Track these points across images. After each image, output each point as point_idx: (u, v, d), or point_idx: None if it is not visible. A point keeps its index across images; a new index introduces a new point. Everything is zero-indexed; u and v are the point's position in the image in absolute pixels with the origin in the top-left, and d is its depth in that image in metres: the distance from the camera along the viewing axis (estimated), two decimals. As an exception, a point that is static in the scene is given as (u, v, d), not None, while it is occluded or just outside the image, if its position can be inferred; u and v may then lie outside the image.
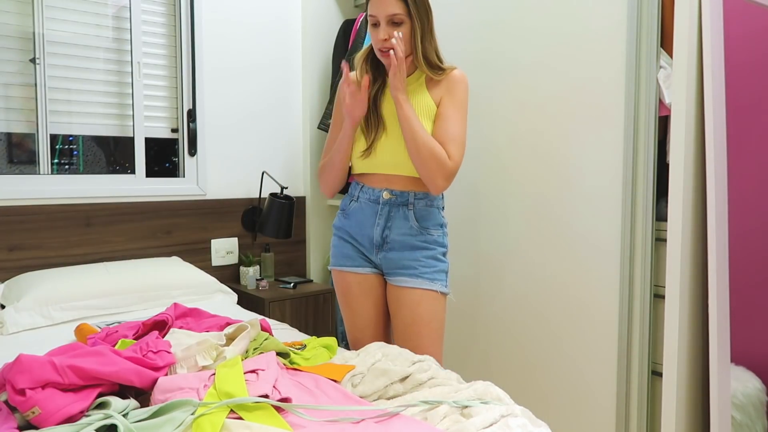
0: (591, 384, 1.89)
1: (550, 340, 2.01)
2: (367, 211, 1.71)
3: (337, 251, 1.78)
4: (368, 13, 1.63)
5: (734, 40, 1.67)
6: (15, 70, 2.30)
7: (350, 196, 1.77)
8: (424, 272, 1.66)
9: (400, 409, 1.13)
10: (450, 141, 1.62)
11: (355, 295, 1.75)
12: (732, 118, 1.65)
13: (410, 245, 1.68)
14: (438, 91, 1.68)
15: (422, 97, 1.68)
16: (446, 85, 1.67)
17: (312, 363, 1.42)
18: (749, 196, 1.75)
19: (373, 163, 1.70)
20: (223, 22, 2.73)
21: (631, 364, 1.78)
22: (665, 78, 1.71)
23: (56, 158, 2.45)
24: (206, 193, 2.70)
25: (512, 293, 2.12)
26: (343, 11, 3.02)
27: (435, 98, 1.68)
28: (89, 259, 2.36)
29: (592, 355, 1.89)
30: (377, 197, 1.69)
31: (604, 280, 1.85)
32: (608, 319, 1.84)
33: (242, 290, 2.60)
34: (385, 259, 1.70)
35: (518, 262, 2.10)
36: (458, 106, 1.66)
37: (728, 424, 1.62)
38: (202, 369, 1.29)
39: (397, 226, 1.68)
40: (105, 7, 2.49)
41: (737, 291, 1.66)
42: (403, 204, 1.68)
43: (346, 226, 1.76)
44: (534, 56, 2.02)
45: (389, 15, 1.59)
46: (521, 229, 2.09)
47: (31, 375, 1.05)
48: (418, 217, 1.68)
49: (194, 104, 2.66)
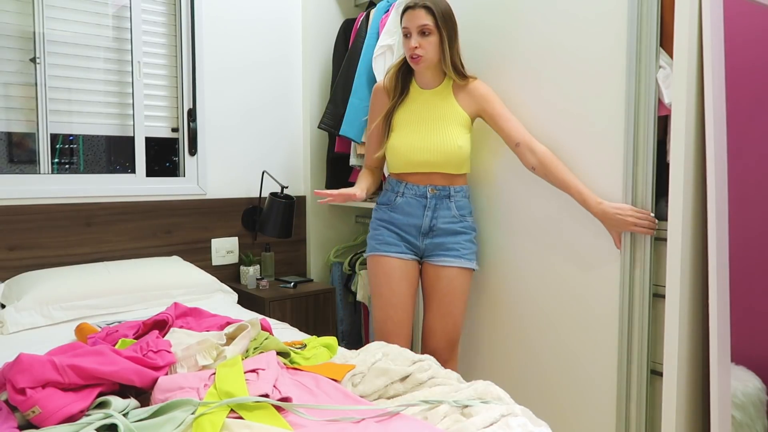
0: (592, 383, 1.89)
1: (551, 338, 2.00)
2: (414, 204, 1.97)
3: (382, 239, 2.01)
4: (402, 25, 1.92)
5: (734, 40, 1.67)
6: (15, 69, 2.30)
7: (393, 192, 2.01)
8: (465, 254, 1.97)
9: (401, 408, 1.14)
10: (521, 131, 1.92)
11: (396, 277, 1.97)
12: (732, 118, 1.65)
13: (453, 231, 1.97)
14: (465, 101, 1.98)
15: (452, 105, 1.98)
16: (475, 95, 1.97)
17: (312, 362, 1.42)
18: (749, 196, 1.75)
19: (412, 164, 1.96)
20: (223, 22, 2.73)
21: (632, 363, 1.78)
22: (664, 78, 1.71)
23: (56, 158, 2.45)
24: (206, 193, 2.70)
25: (512, 292, 2.12)
26: (343, 11, 3.02)
27: (464, 106, 1.97)
28: (89, 258, 2.36)
29: (593, 355, 1.88)
30: (423, 192, 1.97)
31: (604, 279, 1.85)
32: (609, 319, 1.83)
33: (242, 290, 2.60)
34: (431, 243, 1.98)
35: (519, 261, 2.10)
36: (501, 105, 1.97)
37: (728, 424, 1.63)
38: (202, 368, 1.29)
39: (442, 215, 1.96)
40: (105, 6, 2.49)
41: (737, 291, 1.66)
42: (446, 197, 1.97)
43: (391, 218, 2.00)
44: (533, 56, 2.02)
45: (419, 26, 1.87)
46: (521, 229, 2.08)
47: (32, 374, 1.05)
48: (458, 207, 1.98)
49: (194, 104, 2.66)
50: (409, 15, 1.88)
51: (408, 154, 1.95)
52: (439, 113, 1.96)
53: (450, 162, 1.94)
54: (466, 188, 2.02)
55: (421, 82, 2.01)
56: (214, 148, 2.73)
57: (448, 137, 1.93)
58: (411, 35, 1.88)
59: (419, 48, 1.88)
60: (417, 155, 1.95)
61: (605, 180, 1.83)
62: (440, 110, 1.96)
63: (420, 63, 1.90)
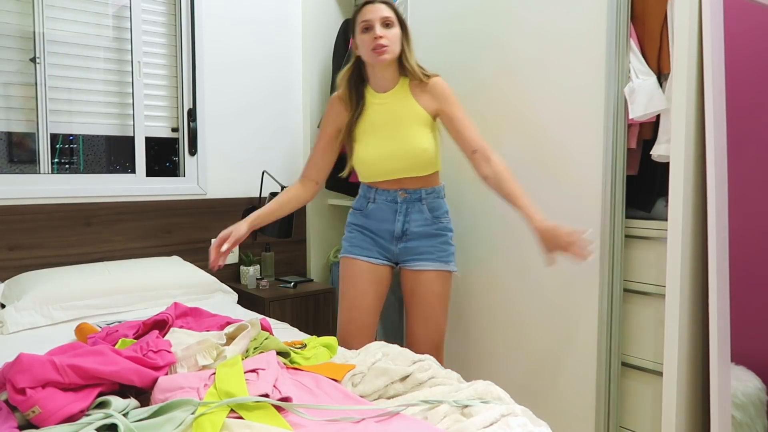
0: (571, 377, 1.92)
1: (532, 335, 2.03)
2: (386, 210, 1.92)
3: (354, 242, 1.97)
4: (360, 19, 1.82)
5: (735, 39, 1.67)
6: (15, 69, 2.30)
7: (365, 198, 1.97)
8: (441, 256, 1.91)
9: (401, 408, 1.13)
10: (478, 138, 1.84)
11: (364, 280, 1.93)
12: (732, 118, 1.65)
13: (427, 234, 1.91)
14: (425, 99, 1.87)
15: (411, 105, 1.87)
16: (435, 94, 1.87)
17: (312, 362, 1.42)
18: (749, 196, 1.75)
19: (380, 173, 1.91)
20: (223, 22, 2.73)
21: (612, 357, 1.82)
22: (630, 92, 1.72)
23: (56, 158, 2.45)
24: (206, 193, 2.70)
25: (494, 292, 2.13)
26: (343, 10, 3.02)
27: (424, 105, 1.87)
28: (89, 258, 2.36)
29: (572, 350, 1.92)
30: (394, 197, 1.91)
31: (584, 276, 1.87)
32: (588, 314, 1.86)
33: (242, 289, 2.60)
34: (405, 248, 1.92)
35: (499, 261, 2.12)
36: (460, 108, 1.88)
37: (728, 424, 1.63)
38: (202, 368, 1.29)
39: (414, 219, 1.90)
40: (105, 6, 2.49)
41: (737, 291, 1.66)
42: (417, 200, 1.90)
43: (365, 223, 1.96)
44: (515, 59, 2.04)
45: (382, 17, 1.79)
46: (502, 230, 2.12)
47: (32, 374, 1.05)
48: (431, 209, 1.91)
49: (194, 103, 2.66)
50: (370, 8, 1.81)
51: (375, 164, 1.89)
52: (399, 116, 1.87)
53: (417, 165, 1.87)
54: (438, 189, 1.94)
55: (377, 85, 1.90)
56: (214, 148, 2.73)
57: (411, 141, 1.85)
58: (373, 27, 1.79)
59: (384, 38, 1.78)
60: (383, 164, 1.88)
61: (585, 176, 1.87)
62: (400, 112, 1.87)
63: (385, 54, 1.79)
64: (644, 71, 1.73)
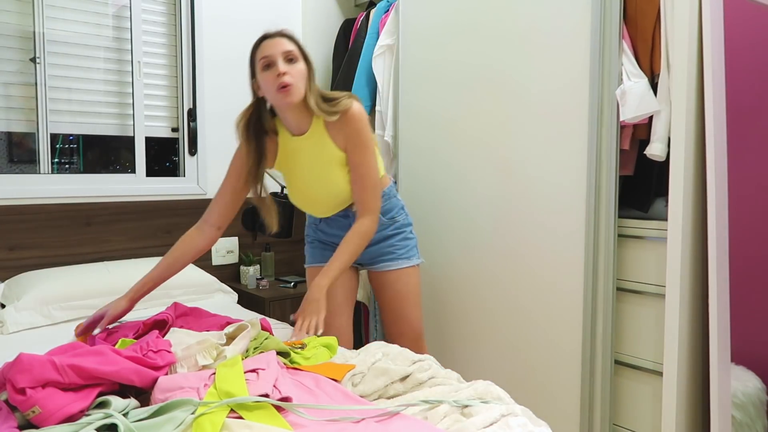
0: (557, 373, 1.94)
1: (520, 335, 2.04)
2: (340, 222, 1.88)
3: (316, 252, 1.97)
4: (259, 56, 1.64)
5: (735, 40, 1.67)
6: (15, 69, 2.30)
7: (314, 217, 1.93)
8: (401, 254, 1.90)
9: (401, 408, 1.13)
10: (368, 190, 1.73)
11: (332, 285, 1.83)
12: (732, 118, 1.65)
13: (384, 237, 1.89)
14: (340, 138, 1.72)
15: (328, 147, 1.73)
16: (346, 132, 1.71)
17: (312, 362, 1.42)
18: (749, 196, 1.76)
19: (316, 212, 1.89)
20: (223, 22, 2.73)
21: (596, 355, 1.83)
22: (621, 95, 1.73)
23: (56, 157, 2.45)
24: (207, 193, 2.70)
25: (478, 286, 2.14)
26: (343, 11, 3.02)
27: (338, 143, 1.73)
28: (89, 258, 2.36)
29: (558, 348, 1.94)
30: (345, 212, 1.87)
31: (569, 275, 1.89)
32: (574, 314, 1.88)
33: (242, 289, 2.60)
34: (365, 253, 1.89)
35: (483, 255, 2.15)
36: (365, 149, 1.72)
37: (728, 424, 1.63)
38: (202, 368, 1.29)
39: None
40: (105, 6, 2.49)
41: (737, 291, 1.66)
42: None
43: (320, 237, 1.95)
44: (497, 61, 2.06)
45: (285, 52, 1.63)
46: (485, 224, 2.14)
47: (32, 374, 1.05)
48: (384, 212, 1.87)
49: (194, 103, 2.66)
50: (269, 43, 1.63)
51: (306, 206, 1.88)
52: (317, 160, 1.74)
53: (348, 201, 1.81)
54: (388, 191, 1.88)
55: (290, 126, 1.74)
56: (214, 148, 2.73)
57: (334, 187, 1.76)
58: (275, 63, 1.61)
59: (287, 75, 1.60)
60: (314, 207, 1.86)
61: (570, 179, 1.88)
62: (318, 157, 1.74)
63: (290, 93, 1.61)
64: (636, 73, 1.73)
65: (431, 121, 2.34)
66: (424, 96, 2.37)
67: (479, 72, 2.16)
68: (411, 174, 2.45)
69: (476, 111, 2.17)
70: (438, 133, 2.32)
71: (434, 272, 2.36)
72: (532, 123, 1.98)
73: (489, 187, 2.13)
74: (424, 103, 2.37)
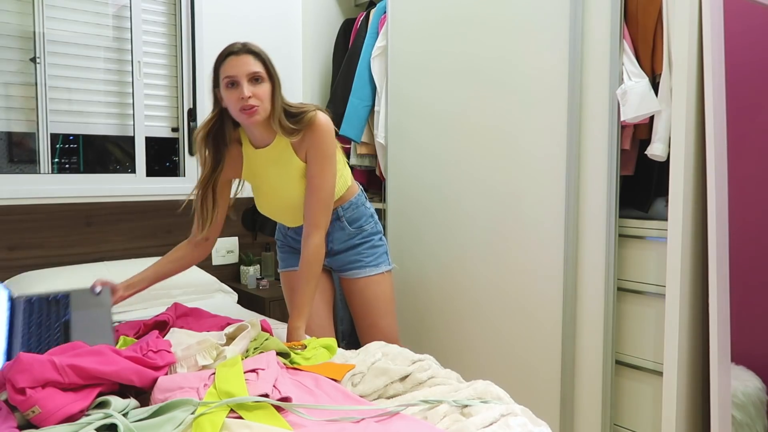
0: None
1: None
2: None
3: (287, 257, 1.96)
4: (223, 74, 1.57)
5: (735, 40, 1.67)
6: (15, 69, 2.30)
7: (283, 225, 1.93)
8: (369, 262, 1.89)
9: (400, 408, 1.13)
10: (320, 204, 1.67)
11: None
12: (732, 118, 1.65)
13: (351, 245, 1.88)
14: (300, 145, 1.68)
15: (291, 159, 1.68)
16: (309, 141, 1.66)
17: (312, 363, 1.42)
18: (749, 196, 1.75)
19: (283, 221, 1.89)
20: (223, 22, 2.73)
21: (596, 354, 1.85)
22: (622, 94, 1.72)
23: (56, 157, 2.45)
24: (206, 193, 2.69)
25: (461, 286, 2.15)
26: (343, 11, 3.02)
27: (300, 155, 1.69)
28: (89, 258, 2.36)
29: (538, 346, 1.97)
30: None
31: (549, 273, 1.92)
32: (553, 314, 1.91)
33: (243, 289, 2.60)
34: (333, 261, 1.90)
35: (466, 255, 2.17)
36: (324, 160, 1.67)
37: (728, 424, 1.63)
38: (202, 368, 1.29)
39: (338, 238, 1.87)
40: (105, 6, 2.49)
41: (737, 291, 1.66)
42: (336, 219, 1.84)
43: (290, 242, 1.94)
44: (480, 52, 2.08)
45: (250, 73, 1.57)
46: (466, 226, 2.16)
47: (31, 374, 1.05)
48: (351, 222, 1.87)
49: (195, 103, 2.66)
50: (234, 61, 1.56)
51: (274, 215, 1.86)
52: (280, 172, 1.71)
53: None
54: (355, 199, 1.87)
55: (253, 139, 1.71)
56: (214, 148, 2.72)
57: (300, 198, 1.72)
58: (239, 84, 1.55)
59: (253, 98, 1.55)
60: (281, 216, 1.85)
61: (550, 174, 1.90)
62: (281, 169, 1.70)
63: (255, 115, 1.57)
64: (637, 73, 1.73)
65: (421, 113, 2.35)
66: (413, 88, 2.37)
67: (468, 64, 2.17)
68: (400, 167, 2.46)
69: (466, 103, 2.18)
70: (427, 125, 2.33)
71: (429, 270, 2.35)
72: (519, 113, 2.00)
73: (481, 182, 2.13)
74: (413, 95, 2.37)
